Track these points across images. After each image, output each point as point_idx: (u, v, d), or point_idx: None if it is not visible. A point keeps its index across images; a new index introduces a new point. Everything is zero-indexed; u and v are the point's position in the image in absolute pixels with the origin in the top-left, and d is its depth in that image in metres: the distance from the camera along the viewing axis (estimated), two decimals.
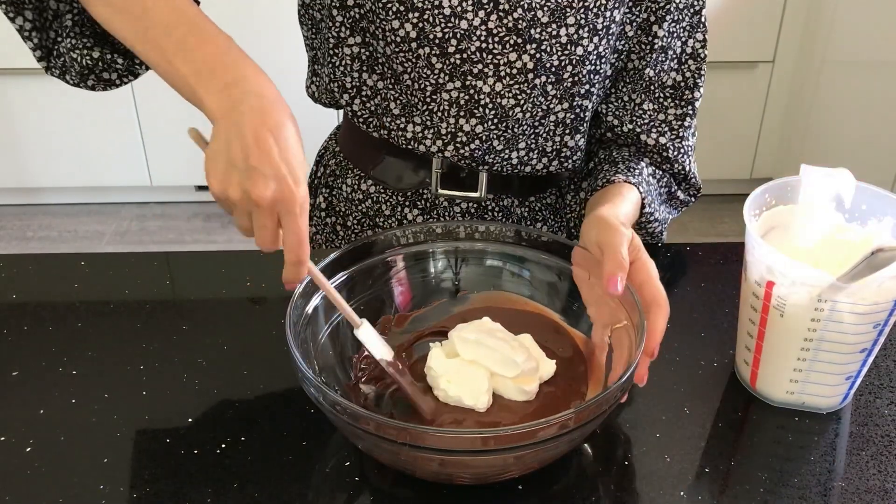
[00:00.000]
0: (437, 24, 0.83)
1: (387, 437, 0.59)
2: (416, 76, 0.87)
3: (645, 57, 0.91)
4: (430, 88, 0.87)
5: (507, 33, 0.84)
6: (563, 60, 0.86)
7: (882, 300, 0.67)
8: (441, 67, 0.86)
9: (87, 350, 0.81)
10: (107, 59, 0.82)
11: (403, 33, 0.84)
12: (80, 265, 0.94)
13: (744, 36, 2.49)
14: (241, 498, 0.66)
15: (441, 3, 0.82)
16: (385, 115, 0.92)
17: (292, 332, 0.66)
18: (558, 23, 0.84)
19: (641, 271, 0.72)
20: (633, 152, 0.96)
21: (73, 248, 2.59)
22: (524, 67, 0.85)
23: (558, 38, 0.84)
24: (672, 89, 0.93)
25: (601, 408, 0.61)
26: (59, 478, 0.67)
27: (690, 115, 0.95)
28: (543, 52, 0.85)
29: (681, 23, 0.90)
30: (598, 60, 0.87)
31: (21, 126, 2.58)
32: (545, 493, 0.67)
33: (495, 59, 0.85)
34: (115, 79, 0.83)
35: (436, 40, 0.84)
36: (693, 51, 0.92)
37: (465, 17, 0.83)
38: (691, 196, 1.01)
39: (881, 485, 0.68)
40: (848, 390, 0.74)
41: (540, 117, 0.90)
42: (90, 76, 0.83)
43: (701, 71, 0.93)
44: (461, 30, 0.83)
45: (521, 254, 0.81)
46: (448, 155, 0.92)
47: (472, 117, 0.88)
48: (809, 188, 0.76)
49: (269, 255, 0.96)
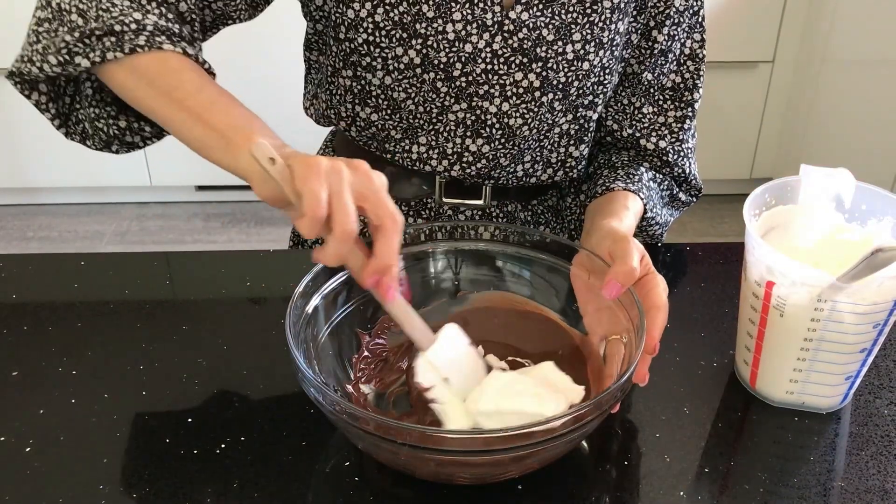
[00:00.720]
0: (441, 50, 0.83)
1: (386, 437, 0.59)
2: (421, 100, 0.86)
3: (644, 62, 0.91)
4: (435, 111, 0.87)
5: (513, 53, 0.83)
6: (569, 76, 0.85)
7: (882, 300, 0.67)
8: (447, 91, 0.85)
9: (87, 350, 0.81)
10: (133, 126, 0.83)
11: (407, 60, 0.84)
12: (80, 265, 0.94)
13: (744, 36, 2.48)
14: (241, 498, 0.66)
15: (445, 29, 0.81)
16: (386, 141, 0.92)
17: (292, 333, 0.66)
18: (564, 40, 0.83)
19: (650, 283, 0.71)
20: (633, 156, 0.96)
21: (73, 248, 2.59)
22: (531, 86, 0.85)
23: (564, 55, 0.84)
24: (671, 91, 0.93)
25: (601, 408, 0.61)
26: (59, 478, 0.67)
27: (690, 116, 0.95)
28: (550, 69, 0.84)
29: (680, 25, 0.90)
30: (602, 72, 0.87)
31: (21, 126, 2.58)
32: (545, 493, 0.67)
33: (501, 80, 0.85)
34: (139, 142, 0.85)
35: (440, 65, 0.84)
36: (692, 51, 0.92)
37: (469, 40, 0.82)
38: (693, 196, 1.01)
39: (881, 485, 0.68)
40: (848, 390, 0.74)
41: (545, 131, 0.90)
42: (114, 142, 0.85)
43: (700, 71, 0.93)
44: (466, 53, 0.83)
45: (521, 254, 0.81)
46: (455, 174, 0.91)
47: (478, 137, 0.88)
48: (809, 188, 0.76)
49: (269, 256, 0.96)
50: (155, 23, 0.75)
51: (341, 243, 0.60)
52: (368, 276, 0.63)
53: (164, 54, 0.74)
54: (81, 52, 0.75)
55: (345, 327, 0.76)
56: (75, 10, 0.76)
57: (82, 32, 0.75)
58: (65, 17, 0.76)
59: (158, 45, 0.74)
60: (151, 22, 0.75)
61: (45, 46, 0.77)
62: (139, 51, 0.74)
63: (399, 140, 0.91)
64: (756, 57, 2.55)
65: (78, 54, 0.75)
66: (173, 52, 0.75)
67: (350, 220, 0.59)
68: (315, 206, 0.59)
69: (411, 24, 0.82)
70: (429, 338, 0.70)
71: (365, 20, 0.83)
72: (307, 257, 0.98)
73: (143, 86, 0.74)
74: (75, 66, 0.75)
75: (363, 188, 0.61)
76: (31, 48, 0.79)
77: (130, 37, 0.74)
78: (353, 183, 0.60)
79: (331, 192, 0.59)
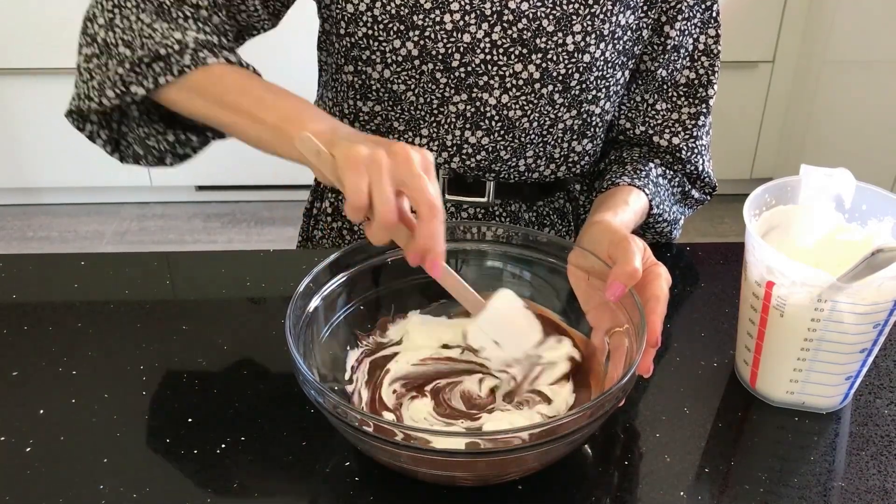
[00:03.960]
0: (438, 41, 0.83)
1: (386, 438, 0.59)
2: (421, 91, 0.87)
3: (657, 58, 0.90)
4: (436, 102, 0.87)
5: (512, 44, 0.83)
6: (569, 68, 0.85)
7: (882, 300, 0.67)
8: (446, 82, 0.85)
9: (87, 350, 0.81)
10: (181, 139, 0.87)
11: (405, 52, 0.84)
12: (80, 265, 0.94)
13: (744, 36, 2.48)
14: (241, 498, 0.66)
15: (442, 20, 0.82)
16: (390, 132, 0.92)
17: (292, 333, 0.66)
18: (564, 31, 0.83)
19: (651, 273, 0.71)
20: (645, 153, 0.96)
21: (73, 248, 2.59)
22: (530, 77, 0.85)
23: (565, 46, 0.84)
24: (685, 87, 0.92)
25: (602, 409, 0.61)
26: (59, 478, 0.67)
27: (704, 113, 0.94)
28: (550, 61, 0.84)
29: (692, 20, 0.89)
30: (605, 66, 0.87)
31: (21, 126, 2.58)
32: (545, 493, 0.67)
33: (500, 71, 0.85)
34: (189, 151, 0.89)
35: (438, 56, 0.84)
36: (706, 47, 0.91)
37: (467, 30, 0.82)
38: (706, 195, 1.01)
39: (881, 485, 0.68)
40: (848, 390, 0.74)
41: (548, 126, 0.90)
42: (167, 156, 0.88)
43: (714, 67, 0.92)
44: (464, 43, 0.83)
45: (521, 254, 0.80)
46: (455, 166, 0.91)
47: (477, 129, 0.88)
48: (809, 188, 0.76)
49: (269, 256, 0.96)
50: (195, 38, 0.79)
51: (383, 229, 0.64)
52: (411, 256, 0.66)
53: (210, 67, 0.78)
54: (135, 81, 0.79)
55: (345, 328, 0.76)
56: (121, 42, 0.80)
57: (132, 62, 0.79)
58: (112, 51, 0.80)
59: (203, 60, 0.78)
60: (192, 38, 0.79)
61: (101, 82, 0.81)
62: (187, 71, 0.77)
63: (403, 132, 0.91)
64: (756, 57, 2.55)
65: (132, 83, 0.79)
66: (218, 64, 0.78)
67: (389, 210, 0.63)
68: (356, 196, 0.62)
69: (409, 15, 0.82)
70: (478, 304, 0.73)
71: (364, 14, 0.83)
72: (307, 257, 0.98)
73: (195, 98, 0.79)
74: (132, 95, 0.80)
75: (403, 175, 0.63)
76: (85, 85, 0.83)
77: (176, 58, 0.78)
78: (393, 171, 0.63)
79: (371, 182, 0.62)
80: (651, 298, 0.69)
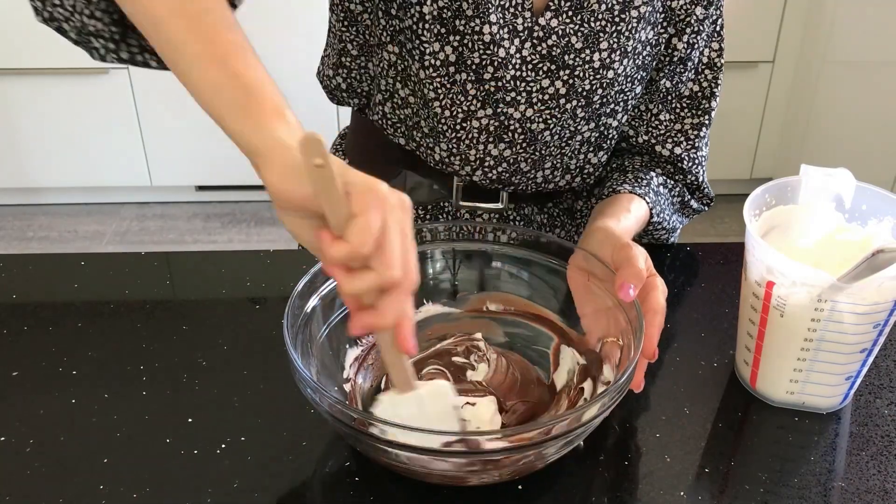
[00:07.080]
0: (475, 51, 0.82)
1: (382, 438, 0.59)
2: (449, 103, 0.86)
3: (663, 69, 0.90)
4: (461, 115, 0.86)
5: (541, 60, 0.83)
6: (594, 84, 0.85)
7: (882, 300, 0.67)
8: (475, 94, 0.85)
9: (87, 350, 0.81)
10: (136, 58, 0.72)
11: (443, 56, 0.83)
12: (80, 265, 0.94)
13: (744, 36, 2.48)
14: (241, 498, 0.66)
15: (482, 30, 0.81)
16: (415, 128, 0.91)
17: (290, 333, 0.66)
18: (592, 48, 0.83)
19: (649, 285, 0.71)
20: (646, 161, 0.96)
21: (73, 248, 2.59)
22: (556, 93, 0.85)
23: (591, 63, 0.84)
24: (689, 99, 0.93)
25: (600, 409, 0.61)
26: (59, 478, 0.67)
27: (706, 124, 0.95)
28: (577, 77, 0.84)
29: (700, 34, 0.89)
30: (625, 81, 0.87)
31: (21, 126, 2.58)
32: (545, 493, 0.67)
33: (528, 87, 0.84)
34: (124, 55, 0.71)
35: (472, 66, 0.83)
36: (710, 60, 0.92)
37: (502, 45, 0.82)
38: (704, 205, 1.01)
39: (881, 485, 0.68)
40: (848, 390, 0.74)
41: (567, 138, 0.90)
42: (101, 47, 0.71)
43: (717, 80, 0.93)
44: (498, 58, 0.82)
45: (519, 255, 0.81)
46: (476, 179, 0.91)
47: (500, 142, 0.88)
48: (809, 188, 0.76)
49: (269, 256, 0.96)
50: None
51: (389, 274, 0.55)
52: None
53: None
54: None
55: (343, 328, 0.76)
56: None
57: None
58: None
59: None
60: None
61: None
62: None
63: (426, 135, 0.90)
64: (756, 57, 2.55)
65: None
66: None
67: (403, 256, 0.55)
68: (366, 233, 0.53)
69: (451, 19, 0.81)
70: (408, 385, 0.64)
71: (413, 6, 0.81)
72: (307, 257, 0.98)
73: None
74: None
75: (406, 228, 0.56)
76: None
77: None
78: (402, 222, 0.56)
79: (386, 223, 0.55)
80: (649, 311, 0.69)
